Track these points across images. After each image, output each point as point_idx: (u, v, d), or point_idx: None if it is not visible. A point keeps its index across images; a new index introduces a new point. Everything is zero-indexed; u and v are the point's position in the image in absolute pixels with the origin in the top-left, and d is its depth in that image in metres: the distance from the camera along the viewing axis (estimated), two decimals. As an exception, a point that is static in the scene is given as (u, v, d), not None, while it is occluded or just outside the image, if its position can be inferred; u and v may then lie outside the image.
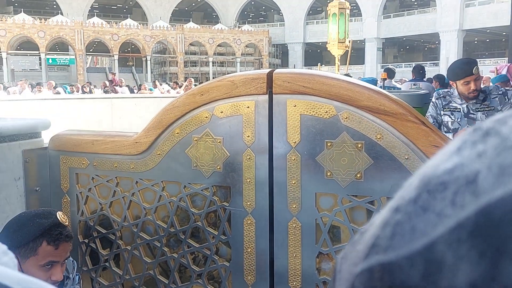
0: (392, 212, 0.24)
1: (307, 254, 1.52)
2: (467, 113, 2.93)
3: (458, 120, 2.93)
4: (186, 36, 38.49)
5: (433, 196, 0.22)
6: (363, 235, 0.26)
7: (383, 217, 0.25)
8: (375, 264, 0.22)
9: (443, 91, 3.11)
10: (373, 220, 0.27)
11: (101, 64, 43.06)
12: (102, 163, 1.77)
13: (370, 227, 0.26)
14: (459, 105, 2.95)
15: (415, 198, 0.23)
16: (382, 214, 0.25)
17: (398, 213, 0.23)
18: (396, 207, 0.24)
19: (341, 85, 1.44)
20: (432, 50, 45.50)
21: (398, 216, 0.23)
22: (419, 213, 0.22)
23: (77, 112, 6.63)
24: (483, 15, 34.02)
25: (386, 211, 0.25)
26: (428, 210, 0.22)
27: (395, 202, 0.24)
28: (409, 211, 0.22)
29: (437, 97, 3.05)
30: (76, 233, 1.85)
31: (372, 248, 0.23)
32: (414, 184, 0.24)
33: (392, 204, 0.24)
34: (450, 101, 2.99)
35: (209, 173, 1.62)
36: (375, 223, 0.25)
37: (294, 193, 1.52)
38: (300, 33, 42.87)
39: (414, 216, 0.22)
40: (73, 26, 34.28)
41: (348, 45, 8.49)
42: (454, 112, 2.96)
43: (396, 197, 0.25)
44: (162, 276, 1.76)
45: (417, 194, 0.23)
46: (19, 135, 1.80)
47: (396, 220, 0.23)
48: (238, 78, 1.57)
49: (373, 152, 1.42)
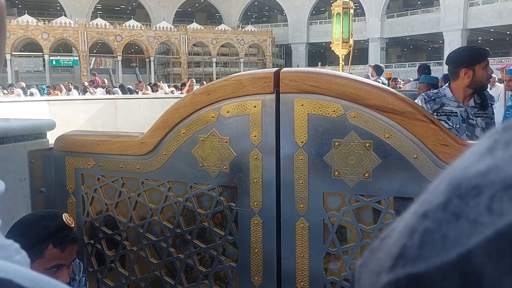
0: (419, 218, 0.22)
1: (315, 254, 1.51)
2: (466, 118, 2.54)
3: (457, 127, 2.52)
4: (189, 37, 38.54)
5: (466, 202, 0.20)
6: (383, 242, 0.25)
7: (407, 223, 0.23)
8: (403, 276, 0.21)
9: (432, 93, 2.64)
10: (394, 225, 0.25)
11: (105, 65, 43.20)
12: (107, 163, 1.76)
13: (391, 233, 0.24)
14: (455, 108, 2.53)
15: (445, 204, 0.21)
16: (405, 220, 0.23)
17: (426, 219, 0.21)
18: (423, 212, 0.22)
19: (349, 84, 1.43)
20: (436, 49, 45.34)
21: (426, 223, 0.21)
22: (451, 220, 0.20)
23: (82, 113, 6.64)
24: (487, 14, 33.86)
25: (411, 217, 0.23)
26: (461, 217, 0.20)
27: (421, 206, 0.22)
28: (439, 218, 0.21)
29: (426, 101, 2.58)
30: (82, 234, 1.85)
31: (399, 258, 0.22)
32: (441, 188, 0.22)
33: (418, 209, 0.22)
34: (442, 104, 2.55)
35: (215, 173, 1.61)
36: (397, 229, 0.24)
37: (302, 193, 1.50)
38: (304, 33, 42.83)
39: (445, 223, 0.20)
40: (76, 27, 34.40)
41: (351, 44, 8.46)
42: (451, 117, 2.53)
43: (420, 200, 0.23)
44: (168, 277, 1.75)
45: (446, 198, 0.21)
46: (25, 135, 1.80)
47: (424, 228, 0.21)
48: (245, 78, 1.56)
49: (382, 151, 1.40)
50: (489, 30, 36.28)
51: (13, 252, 0.30)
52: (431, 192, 0.22)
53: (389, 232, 0.25)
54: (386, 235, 0.25)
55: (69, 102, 7.02)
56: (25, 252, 0.31)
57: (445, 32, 35.82)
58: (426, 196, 0.23)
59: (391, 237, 0.23)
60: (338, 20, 8.37)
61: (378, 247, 0.25)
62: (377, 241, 0.26)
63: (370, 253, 0.25)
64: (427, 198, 0.22)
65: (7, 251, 0.29)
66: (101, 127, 6.46)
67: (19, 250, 0.30)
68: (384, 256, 0.23)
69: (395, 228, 0.24)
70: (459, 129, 2.51)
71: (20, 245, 1.08)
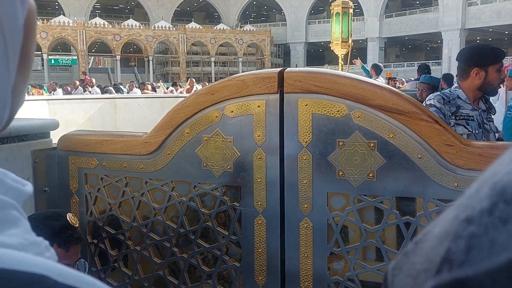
0: (462, 223, 0.22)
1: (319, 254, 1.51)
2: (481, 123, 2.31)
3: (475, 132, 2.26)
4: (188, 36, 38.52)
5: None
6: (418, 246, 0.25)
7: (446, 227, 0.23)
8: (450, 280, 0.21)
9: (448, 93, 2.36)
10: (428, 229, 0.25)
11: (103, 65, 43.15)
12: (111, 163, 1.76)
13: (426, 237, 0.24)
14: (471, 111, 2.30)
15: (490, 209, 0.21)
16: (443, 224, 0.23)
17: (471, 224, 0.21)
18: (467, 217, 0.22)
19: (353, 84, 1.43)
20: (434, 49, 45.40)
21: (471, 228, 0.21)
22: (498, 225, 0.20)
23: (81, 112, 6.63)
24: (486, 14, 33.92)
25: (451, 222, 0.23)
26: (509, 222, 0.20)
27: (463, 212, 0.22)
28: (485, 223, 0.21)
29: (444, 101, 2.30)
30: (85, 234, 1.85)
31: (444, 262, 0.22)
32: (484, 193, 0.22)
33: (458, 214, 0.23)
34: (458, 107, 2.30)
35: (219, 173, 1.61)
36: (434, 233, 0.24)
37: (306, 193, 1.51)
38: (302, 32, 42.83)
39: (492, 228, 0.20)
40: (75, 26, 34.33)
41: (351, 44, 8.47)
42: (469, 121, 2.27)
43: (459, 205, 0.23)
44: (172, 277, 1.75)
45: (491, 204, 0.21)
46: (28, 135, 1.80)
47: (470, 233, 0.21)
48: (249, 78, 1.56)
49: (386, 151, 1.40)
50: (487, 30, 36.35)
51: (43, 249, 0.30)
52: (471, 197, 0.23)
53: (423, 236, 0.25)
54: (420, 239, 0.25)
55: (69, 102, 7.00)
56: (53, 250, 0.31)
57: (443, 32, 35.87)
58: (465, 201, 0.23)
59: (427, 240, 0.24)
60: (338, 20, 8.38)
61: (412, 250, 0.25)
62: (410, 245, 0.26)
63: (404, 256, 0.25)
64: (468, 203, 0.22)
65: (38, 248, 0.30)
66: (100, 127, 6.45)
67: (48, 247, 0.30)
68: (421, 260, 0.23)
69: (430, 232, 0.24)
70: (477, 135, 2.28)
71: None
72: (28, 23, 0.34)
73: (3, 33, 0.31)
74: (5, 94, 0.33)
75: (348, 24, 8.31)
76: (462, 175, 1.33)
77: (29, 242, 0.29)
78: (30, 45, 0.35)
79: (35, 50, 0.36)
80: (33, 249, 0.29)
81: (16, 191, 0.32)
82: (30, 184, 0.33)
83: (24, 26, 0.33)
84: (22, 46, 0.34)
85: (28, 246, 0.29)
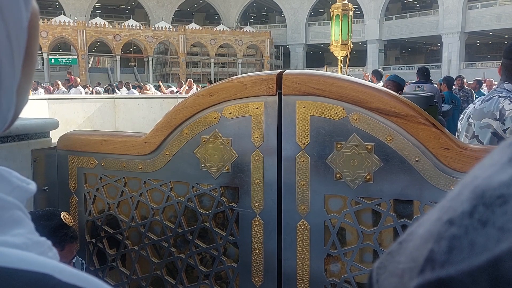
0: (444, 225, 0.23)
1: (316, 256, 1.52)
2: None
3: None
4: (188, 37, 38.54)
5: (492, 210, 0.21)
6: (402, 245, 0.26)
7: (430, 228, 0.24)
8: (434, 279, 0.22)
9: None
10: (412, 230, 0.26)
11: (103, 65, 43.14)
12: (110, 163, 1.77)
13: (411, 237, 0.25)
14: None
15: (471, 211, 0.22)
16: (426, 225, 0.24)
17: (453, 226, 0.22)
18: (449, 219, 0.23)
19: (352, 86, 1.44)
20: (434, 52, 45.47)
21: (453, 230, 0.22)
22: (477, 227, 0.21)
23: (81, 112, 6.63)
24: (486, 17, 34.00)
25: (434, 223, 0.24)
26: (488, 224, 0.21)
27: (445, 213, 0.23)
28: (466, 225, 0.22)
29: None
30: (84, 233, 1.85)
31: (427, 262, 0.23)
32: (465, 196, 0.23)
33: (441, 216, 0.24)
34: None
35: (217, 173, 1.62)
36: (417, 234, 0.25)
37: (303, 195, 1.51)
38: (302, 34, 42.88)
39: (472, 230, 0.21)
40: (75, 26, 34.34)
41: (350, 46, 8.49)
42: None
43: (442, 207, 0.24)
44: (169, 277, 1.76)
45: (472, 206, 0.22)
46: (28, 134, 1.80)
47: (451, 234, 0.22)
48: (248, 79, 1.57)
49: (383, 154, 1.41)
50: (487, 33, 36.43)
51: (46, 248, 0.31)
52: (453, 199, 0.23)
53: (407, 236, 0.26)
54: (405, 239, 0.26)
55: (69, 101, 7.01)
56: (56, 250, 0.32)
57: (443, 35, 35.94)
58: (448, 203, 0.24)
59: (411, 241, 0.24)
60: (337, 22, 8.40)
61: (397, 250, 0.26)
62: (395, 244, 0.27)
63: (389, 255, 0.26)
64: (450, 205, 0.23)
65: (41, 248, 0.31)
66: (100, 126, 6.46)
67: (51, 247, 0.31)
68: (406, 259, 0.24)
69: (414, 232, 0.25)
70: None
71: None
72: (32, 24, 0.35)
73: (9, 34, 0.32)
74: (11, 93, 0.34)
75: (348, 26, 8.33)
76: (459, 178, 1.34)
77: (33, 242, 0.30)
78: (33, 46, 0.36)
79: (38, 50, 0.37)
80: (37, 249, 0.30)
81: (21, 190, 0.32)
82: (34, 183, 0.34)
83: (28, 28, 0.34)
84: (26, 47, 0.35)
85: (32, 246, 0.30)
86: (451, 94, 6.75)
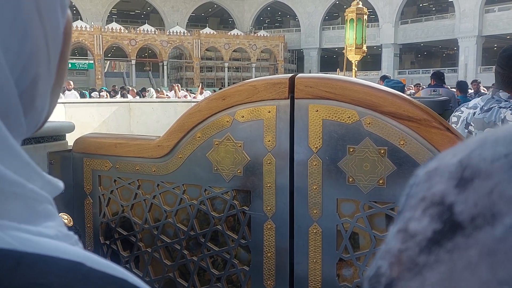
0: None
1: (328, 260, 1.51)
2: None
3: None
4: (202, 42, 38.84)
5: None
6: None
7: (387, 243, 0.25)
8: None
9: None
10: None
11: (119, 69, 43.75)
12: (124, 165, 1.79)
13: None
14: None
15: None
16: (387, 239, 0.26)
17: None
18: None
19: (364, 90, 1.44)
20: (450, 56, 44.90)
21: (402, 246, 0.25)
22: None
23: (97, 116, 6.73)
24: (503, 20, 33.47)
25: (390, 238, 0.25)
26: None
27: None
28: None
29: None
30: (98, 235, 1.88)
31: (373, 278, 0.24)
32: None
33: None
34: None
35: (229, 177, 1.63)
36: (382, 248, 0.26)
37: (315, 199, 1.51)
38: (316, 38, 42.82)
39: None
40: (92, 31, 34.92)
41: (365, 50, 8.46)
42: None
43: None
44: (182, 279, 1.77)
45: None
46: (45, 137, 1.84)
47: None
48: (260, 83, 1.58)
49: (396, 158, 1.40)
50: (504, 37, 35.82)
51: (74, 241, 0.33)
52: None
53: None
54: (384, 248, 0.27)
55: (85, 105, 7.13)
56: (81, 244, 0.34)
57: (460, 38, 35.49)
58: None
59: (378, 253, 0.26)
60: (352, 26, 8.37)
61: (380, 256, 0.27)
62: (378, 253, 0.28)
63: None
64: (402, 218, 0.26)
65: (71, 240, 0.32)
66: (115, 130, 6.54)
67: (77, 241, 0.33)
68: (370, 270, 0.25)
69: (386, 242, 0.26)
70: None
71: None
72: (66, 30, 0.37)
73: (47, 40, 0.34)
74: (46, 95, 0.36)
75: (362, 30, 8.30)
76: (473, 183, 1.32)
77: (63, 234, 0.32)
78: (66, 51, 0.38)
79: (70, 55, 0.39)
80: (67, 240, 0.32)
81: (52, 186, 0.34)
82: (61, 181, 0.36)
83: (63, 33, 0.37)
84: (61, 52, 0.37)
85: (63, 237, 0.32)
86: (465, 98, 6.69)
